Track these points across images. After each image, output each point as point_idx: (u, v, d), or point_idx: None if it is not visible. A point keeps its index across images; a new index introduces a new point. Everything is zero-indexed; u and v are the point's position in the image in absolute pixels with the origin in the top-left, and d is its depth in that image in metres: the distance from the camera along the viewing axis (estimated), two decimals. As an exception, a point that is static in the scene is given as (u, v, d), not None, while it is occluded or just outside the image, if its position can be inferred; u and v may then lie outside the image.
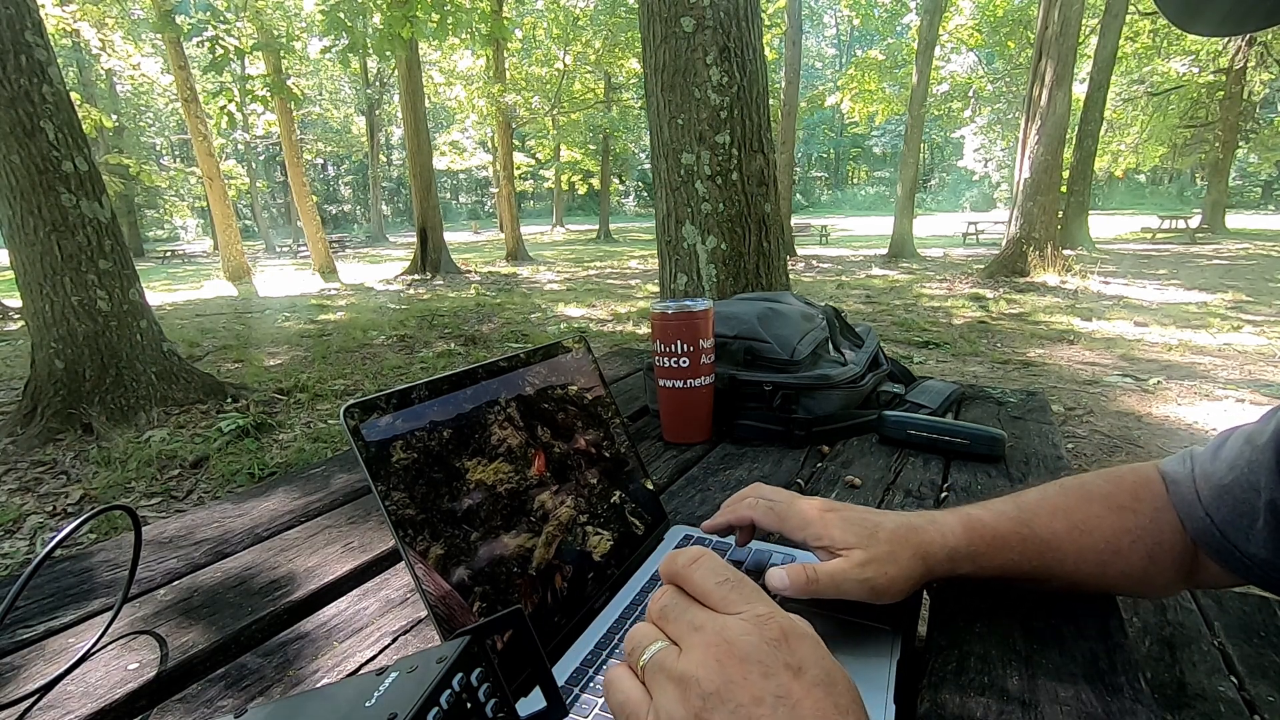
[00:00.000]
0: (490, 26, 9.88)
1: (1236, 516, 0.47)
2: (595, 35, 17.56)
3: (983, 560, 0.52)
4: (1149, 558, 0.51)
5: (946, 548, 0.51)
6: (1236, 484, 0.47)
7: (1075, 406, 3.60)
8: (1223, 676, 0.93)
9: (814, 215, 35.59)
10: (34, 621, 0.55)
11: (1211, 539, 0.49)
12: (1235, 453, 0.48)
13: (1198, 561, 0.51)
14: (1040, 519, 0.53)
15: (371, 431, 0.43)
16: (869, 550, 0.49)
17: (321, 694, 0.32)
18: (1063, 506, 0.54)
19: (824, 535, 0.50)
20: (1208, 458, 0.51)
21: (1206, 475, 0.50)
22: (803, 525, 0.52)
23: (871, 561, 0.48)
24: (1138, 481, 0.54)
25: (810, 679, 0.29)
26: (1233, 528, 0.47)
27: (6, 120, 3.13)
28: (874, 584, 0.48)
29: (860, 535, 0.50)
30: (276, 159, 33.18)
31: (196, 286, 12.26)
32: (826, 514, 0.52)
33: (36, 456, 3.13)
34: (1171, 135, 17.96)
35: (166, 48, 11.21)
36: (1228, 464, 0.48)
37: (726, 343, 0.98)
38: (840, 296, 8.13)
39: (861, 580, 0.47)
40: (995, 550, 0.52)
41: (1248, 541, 0.47)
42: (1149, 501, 0.52)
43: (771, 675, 0.29)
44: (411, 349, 5.63)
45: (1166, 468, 0.54)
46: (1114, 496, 0.53)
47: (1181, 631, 1.02)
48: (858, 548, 0.49)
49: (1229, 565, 0.48)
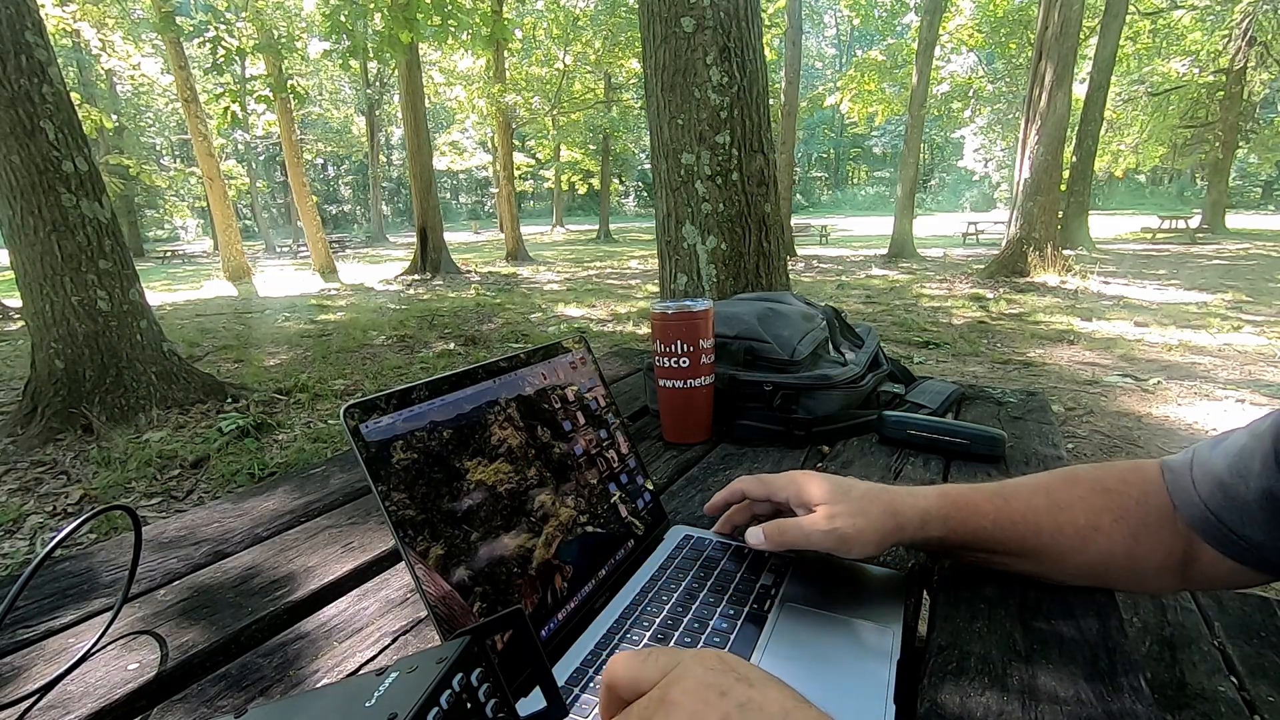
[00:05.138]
0: (491, 28, 9.88)
1: (1230, 501, 0.47)
2: (595, 35, 17.56)
3: (954, 524, 0.54)
4: (1132, 538, 0.51)
5: (918, 509, 0.53)
6: (1231, 469, 0.48)
7: (1075, 406, 3.60)
8: (1223, 676, 0.93)
9: (814, 215, 35.61)
10: (34, 621, 0.55)
11: (1207, 524, 0.49)
12: (1235, 443, 0.49)
13: (1193, 552, 0.51)
14: (1020, 495, 0.55)
15: (371, 431, 0.43)
16: (839, 505, 0.52)
17: (321, 694, 0.32)
18: (1045, 485, 0.55)
19: (802, 493, 0.55)
20: (1207, 448, 0.51)
21: (1203, 463, 0.50)
22: (784, 486, 0.57)
23: (840, 515, 0.51)
24: (1130, 468, 0.55)
25: (761, 684, 0.31)
26: (1227, 512, 0.48)
27: (7, 120, 3.13)
28: (841, 533, 0.50)
29: (834, 493, 0.53)
30: (276, 159, 33.19)
31: (196, 286, 12.26)
32: (806, 477, 0.56)
33: (36, 456, 3.13)
34: (1171, 135, 17.95)
35: (167, 48, 11.21)
36: (1225, 452, 0.49)
37: (726, 343, 0.98)
38: (840, 296, 8.13)
39: (829, 530, 0.51)
40: (967, 516, 0.54)
41: (1243, 525, 0.47)
42: (1137, 485, 0.53)
43: (728, 692, 0.30)
44: (411, 349, 5.63)
45: (1167, 460, 0.54)
46: (1101, 480, 0.54)
47: (1181, 631, 1.02)
48: (829, 502, 0.52)
49: (1226, 550, 0.49)
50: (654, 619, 0.51)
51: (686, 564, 0.59)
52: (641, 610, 0.52)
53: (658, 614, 0.51)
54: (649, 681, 0.33)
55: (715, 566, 0.58)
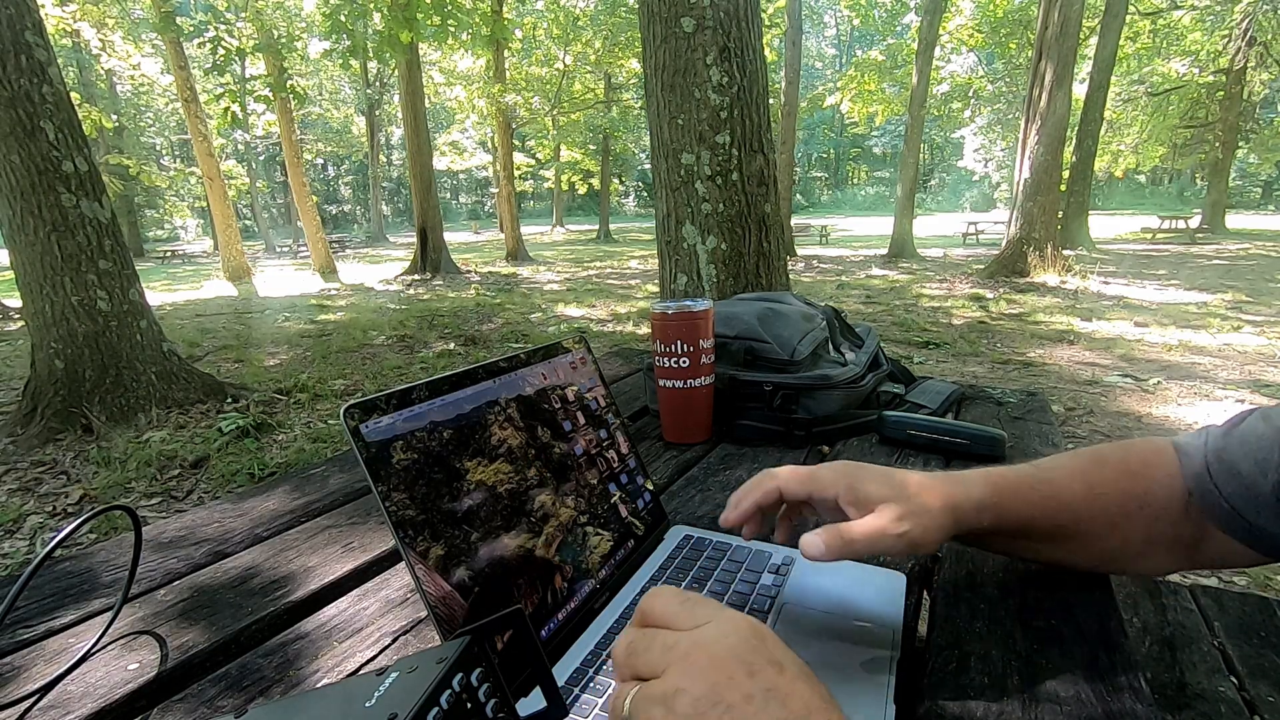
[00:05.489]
0: (491, 28, 9.88)
1: (1245, 489, 0.47)
2: (595, 35, 17.56)
3: (1004, 511, 0.51)
4: (1153, 522, 0.51)
5: (972, 499, 0.50)
6: (1247, 458, 0.47)
7: (1075, 407, 3.60)
8: (1223, 676, 0.93)
9: (814, 215, 35.60)
10: (34, 621, 0.55)
11: (1220, 510, 0.49)
12: (1249, 429, 0.48)
13: (1204, 534, 0.51)
14: (1059, 478, 0.53)
15: (371, 432, 0.43)
16: (902, 504, 0.47)
17: (321, 694, 0.32)
18: (1079, 469, 0.54)
19: (856, 490, 0.49)
20: (1221, 433, 0.50)
21: (1218, 450, 0.50)
22: (833, 482, 0.50)
23: (907, 515, 0.47)
24: (1150, 449, 0.54)
25: (792, 673, 0.30)
26: (1241, 500, 0.47)
27: (6, 120, 3.13)
28: (911, 537, 0.46)
29: (891, 488, 0.48)
30: (276, 159, 33.17)
31: (196, 286, 12.26)
32: (858, 470, 0.50)
33: (36, 456, 3.13)
34: (1171, 135, 17.95)
35: (167, 48, 11.21)
36: (1240, 439, 0.48)
37: (726, 343, 0.98)
38: (840, 296, 8.13)
39: (900, 535, 0.46)
40: (1016, 502, 0.52)
41: (1257, 514, 0.47)
42: (1161, 468, 0.52)
43: (757, 673, 0.30)
44: (411, 349, 5.63)
45: (1180, 440, 0.54)
46: (1127, 462, 0.53)
47: (1181, 631, 1.02)
48: (891, 501, 0.47)
49: (1239, 535, 0.48)
50: (654, 619, 0.51)
51: (686, 564, 0.59)
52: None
53: (658, 614, 0.51)
54: (680, 625, 0.32)
55: (715, 566, 0.58)
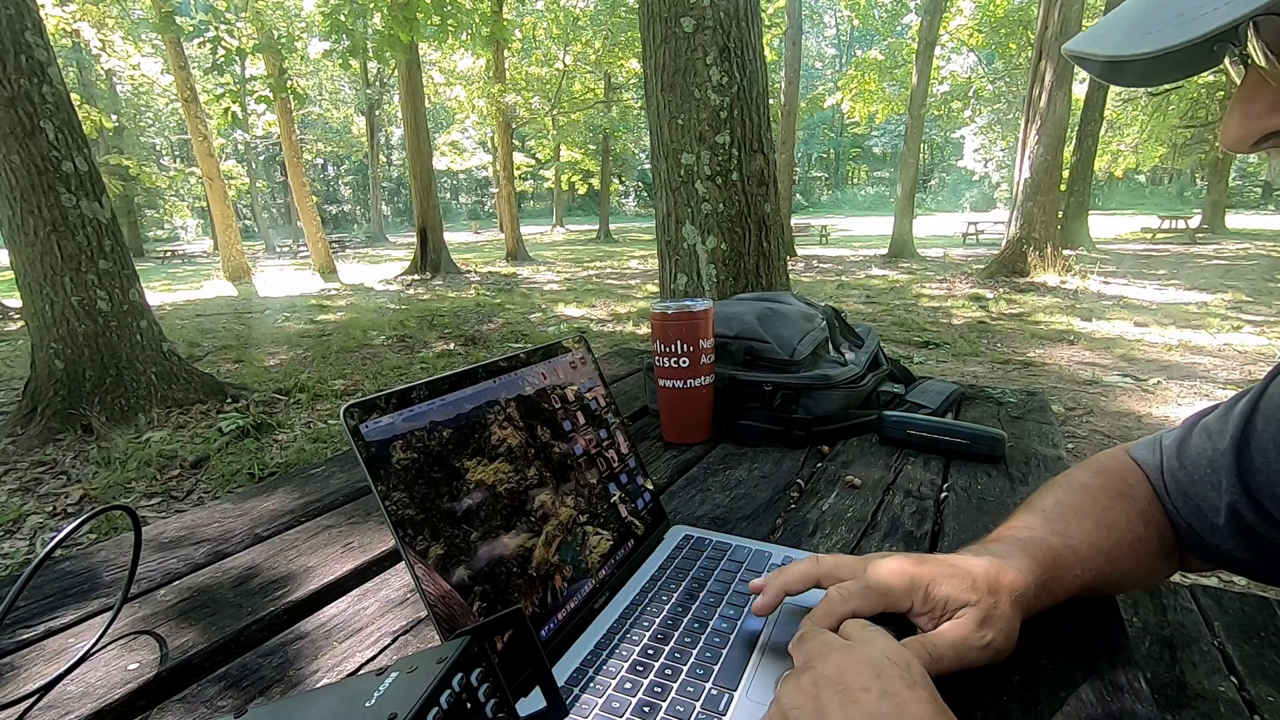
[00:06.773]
0: (491, 28, 9.88)
1: (1199, 512, 0.48)
2: (595, 35, 17.56)
3: (1055, 586, 0.48)
4: (1159, 539, 0.51)
5: (1032, 585, 0.46)
6: (1201, 481, 0.48)
7: (1075, 406, 3.60)
8: (1223, 676, 0.93)
9: (814, 215, 35.60)
10: (34, 621, 0.55)
11: (1180, 529, 0.50)
12: (1198, 449, 0.49)
13: (1183, 547, 0.52)
14: (1072, 529, 0.50)
15: (371, 431, 0.43)
16: (979, 606, 0.43)
17: (321, 694, 0.32)
18: (1077, 506, 0.51)
19: (933, 598, 0.44)
20: (1174, 452, 0.51)
21: (1172, 471, 0.50)
22: (907, 591, 0.45)
23: (986, 620, 0.43)
24: (1120, 469, 0.54)
25: (922, 694, 0.34)
26: (1198, 520, 0.48)
27: (6, 120, 3.13)
28: (996, 645, 0.42)
29: (963, 588, 0.44)
30: (276, 159, 33.17)
31: (196, 286, 12.26)
32: (918, 571, 0.45)
33: (36, 456, 3.13)
34: (1171, 135, 17.93)
35: (167, 48, 11.21)
36: (1192, 461, 0.49)
37: (726, 343, 0.98)
38: (840, 296, 8.13)
39: (985, 645, 0.42)
40: (1062, 571, 0.48)
41: (1212, 533, 0.47)
42: (1139, 485, 0.53)
43: (884, 677, 0.34)
44: (411, 349, 5.63)
45: (1137, 454, 0.54)
46: (1111, 486, 0.53)
47: (1181, 631, 1.02)
48: (968, 606, 0.43)
49: (1200, 553, 0.50)
50: (654, 619, 0.51)
51: (686, 564, 0.59)
52: (641, 610, 0.52)
53: (658, 614, 0.51)
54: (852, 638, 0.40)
55: (715, 566, 0.58)
